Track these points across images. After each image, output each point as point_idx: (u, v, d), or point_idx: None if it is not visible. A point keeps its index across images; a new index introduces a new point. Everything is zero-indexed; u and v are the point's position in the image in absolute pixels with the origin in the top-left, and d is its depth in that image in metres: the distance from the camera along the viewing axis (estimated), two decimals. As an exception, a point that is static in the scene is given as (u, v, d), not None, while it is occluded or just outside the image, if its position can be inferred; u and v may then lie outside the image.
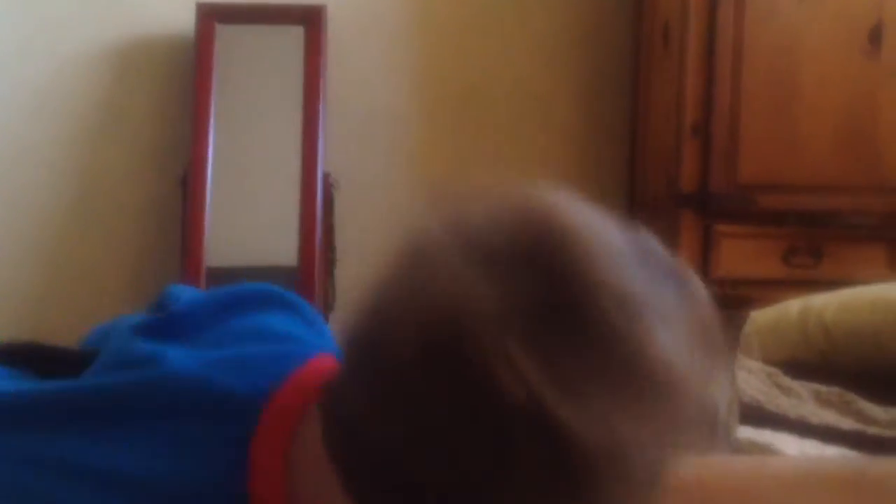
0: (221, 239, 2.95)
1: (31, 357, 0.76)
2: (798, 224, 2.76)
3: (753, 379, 1.16)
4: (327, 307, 3.04)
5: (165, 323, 0.71)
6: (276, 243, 3.02)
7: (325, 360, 0.65)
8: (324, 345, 0.70)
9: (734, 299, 2.72)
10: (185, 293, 0.78)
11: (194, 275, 2.90)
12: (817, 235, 2.75)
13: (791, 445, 0.94)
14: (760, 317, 1.56)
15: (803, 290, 2.73)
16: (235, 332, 0.70)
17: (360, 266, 3.17)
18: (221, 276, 2.93)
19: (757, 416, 1.05)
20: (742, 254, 2.76)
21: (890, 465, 0.66)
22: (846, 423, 1.10)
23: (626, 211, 3.26)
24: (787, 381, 1.24)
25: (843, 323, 1.38)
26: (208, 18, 2.92)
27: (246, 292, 0.77)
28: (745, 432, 0.95)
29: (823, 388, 1.23)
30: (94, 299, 3.04)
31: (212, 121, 2.90)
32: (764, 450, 0.91)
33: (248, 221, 3.00)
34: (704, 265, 2.75)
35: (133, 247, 3.11)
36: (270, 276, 3.02)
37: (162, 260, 3.06)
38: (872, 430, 1.06)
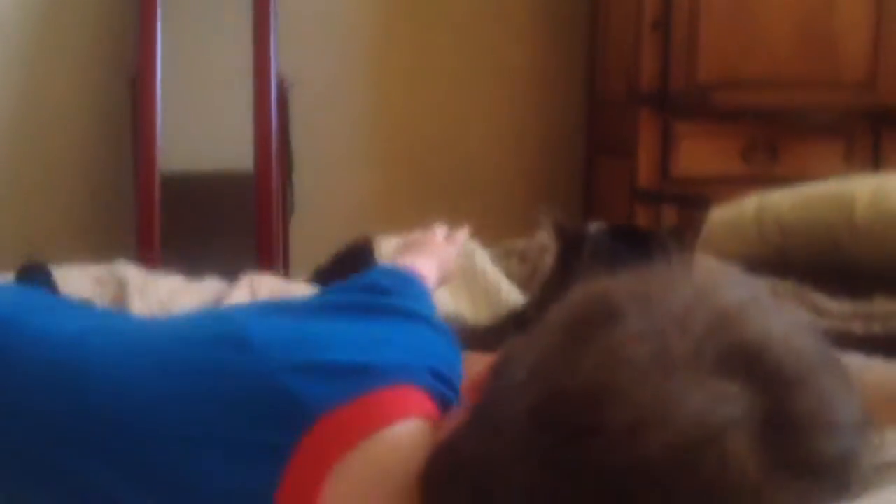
0: (175, 144, 2.88)
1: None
2: (756, 121, 2.77)
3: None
4: (286, 214, 3.02)
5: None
6: (231, 148, 2.96)
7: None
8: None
9: (693, 198, 2.76)
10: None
11: (148, 182, 2.85)
12: (775, 132, 2.77)
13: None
14: (718, 214, 1.57)
15: (761, 187, 2.77)
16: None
17: (318, 171, 3.15)
18: (176, 181, 2.89)
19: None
20: (701, 152, 2.77)
21: None
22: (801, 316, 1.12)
23: (585, 109, 3.25)
24: (741, 276, 1.26)
25: (798, 219, 1.40)
26: (153, -87, 2.80)
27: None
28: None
29: (779, 282, 1.25)
30: (47, 209, 3.00)
31: (159, 21, 2.80)
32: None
33: (202, 125, 2.94)
34: (663, 164, 2.77)
35: (85, 155, 3.04)
36: (226, 182, 3.02)
37: (115, 167, 3.01)
38: (826, 321, 1.09)
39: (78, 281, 1.31)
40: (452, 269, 0.96)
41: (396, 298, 0.75)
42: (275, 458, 0.57)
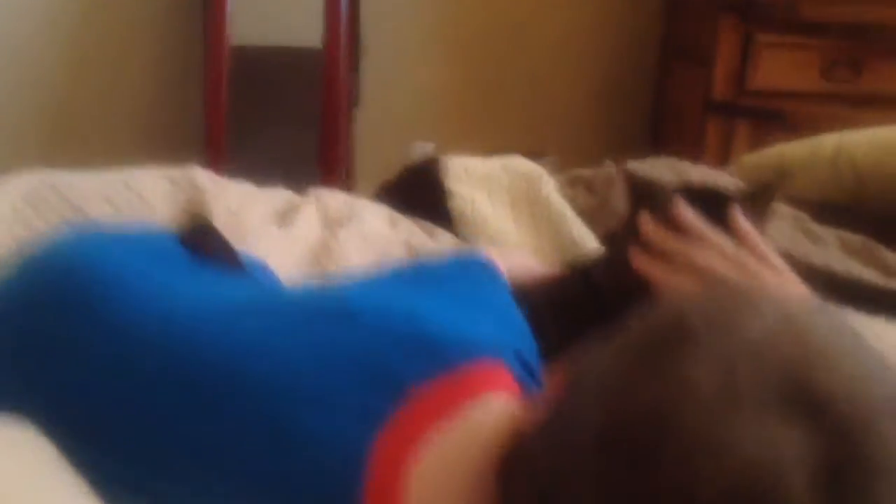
0: (245, 17, 2.91)
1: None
2: (840, 36, 2.67)
3: (784, 224, 1.17)
4: (351, 99, 3.02)
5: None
6: (301, 23, 2.99)
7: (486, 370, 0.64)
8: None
9: (769, 113, 2.69)
10: None
11: (218, 54, 2.88)
12: (859, 48, 2.66)
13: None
14: (793, 150, 1.54)
15: (840, 104, 2.69)
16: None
17: (386, 60, 3.12)
18: (246, 55, 2.92)
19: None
20: (781, 65, 2.68)
21: None
22: (868, 274, 1.11)
23: (662, 12, 3.15)
24: (814, 227, 1.24)
25: (873, 165, 1.37)
26: None
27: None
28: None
29: (850, 236, 1.24)
30: (117, 81, 3.06)
31: None
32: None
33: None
34: (742, 75, 2.69)
35: (156, 27, 3.07)
36: (295, 58, 3.03)
37: (185, 40, 3.03)
38: (893, 283, 1.08)
39: (151, 180, 1.35)
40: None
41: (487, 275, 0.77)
42: (370, 421, 0.59)
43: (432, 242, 1.32)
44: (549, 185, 1.36)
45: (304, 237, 1.29)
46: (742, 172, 1.63)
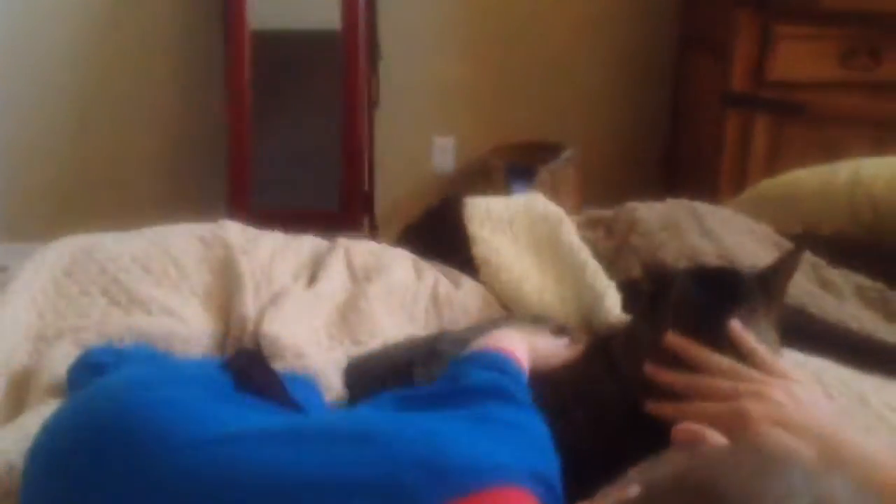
0: (265, 2, 2.95)
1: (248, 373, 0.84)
2: (859, 25, 2.65)
3: (799, 275, 1.19)
4: (371, 71, 3.05)
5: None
6: (320, 6, 3.02)
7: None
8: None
9: (788, 105, 2.68)
10: None
11: (238, 38, 2.93)
12: (877, 37, 2.64)
13: (829, 373, 0.99)
14: (807, 179, 1.55)
15: (859, 93, 2.68)
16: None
17: (402, 58, 3.14)
18: (266, 39, 2.97)
19: (799, 322, 1.08)
20: (799, 55, 2.67)
21: None
22: (884, 329, 1.14)
23: (679, 3, 3.13)
24: (830, 273, 1.26)
25: (891, 199, 1.38)
26: None
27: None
28: (790, 355, 0.99)
29: (867, 283, 1.26)
30: (141, 72, 3.13)
31: None
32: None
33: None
34: (760, 67, 2.68)
35: (177, 12, 3.10)
36: (314, 40, 3.07)
37: (206, 25, 3.07)
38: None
39: (184, 241, 1.39)
40: (545, 362, 1.00)
41: (501, 387, 0.80)
42: None
43: (457, 292, 1.36)
44: (570, 230, 1.38)
45: (332, 294, 1.33)
46: (757, 198, 1.65)
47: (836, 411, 0.86)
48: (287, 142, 3.10)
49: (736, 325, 0.86)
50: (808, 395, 0.81)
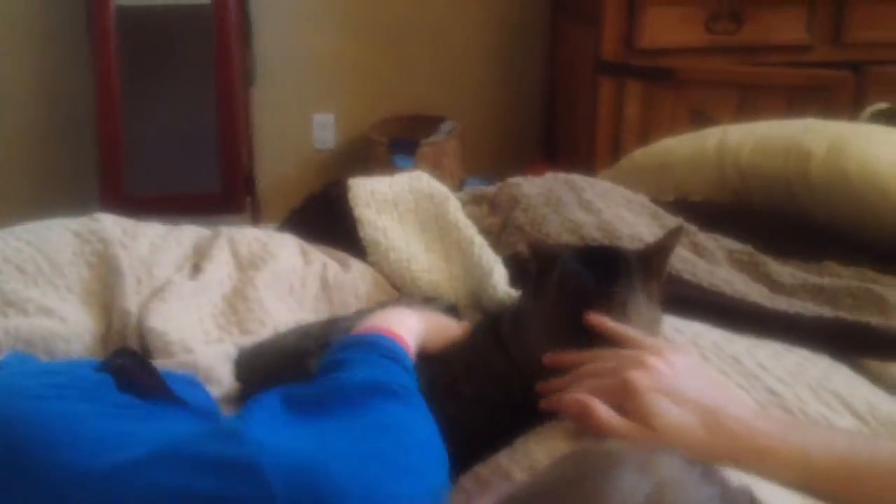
0: None
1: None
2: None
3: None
4: (245, 47, 2.99)
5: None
6: None
7: None
8: None
9: (657, 71, 2.77)
10: None
11: (103, 14, 2.81)
12: (738, 1, 2.76)
13: (704, 336, 1.04)
14: (678, 147, 1.61)
15: (724, 57, 2.79)
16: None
17: (277, 34, 3.08)
18: (132, 16, 2.85)
19: (674, 288, 1.12)
20: (666, 22, 2.76)
21: None
22: (756, 292, 1.20)
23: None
24: (702, 238, 1.32)
25: (757, 168, 1.44)
26: None
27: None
28: (668, 321, 1.03)
29: (737, 246, 1.32)
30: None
31: None
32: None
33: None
34: (629, 36, 2.76)
35: None
36: (183, 15, 2.98)
37: (68, 1, 2.94)
38: (779, 302, 1.16)
39: (57, 238, 1.34)
40: (438, 337, 1.00)
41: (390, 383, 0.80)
42: None
43: (346, 275, 1.36)
44: (456, 208, 1.40)
45: (218, 285, 1.31)
46: (632, 167, 1.71)
47: (713, 375, 0.91)
48: (160, 124, 3.00)
49: (594, 318, 0.89)
50: (684, 362, 0.85)
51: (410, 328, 0.96)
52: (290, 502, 0.65)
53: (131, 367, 0.84)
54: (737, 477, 0.69)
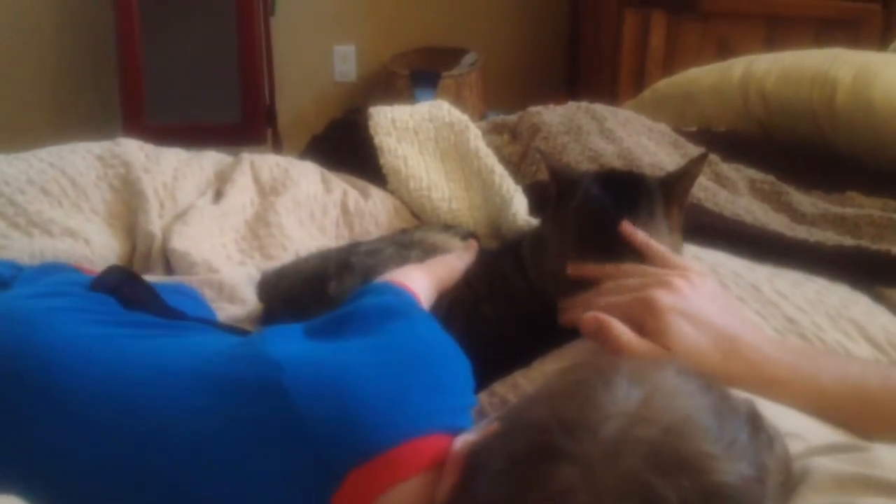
0: None
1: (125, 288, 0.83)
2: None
3: (696, 173, 1.23)
4: (267, 9, 2.97)
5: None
6: None
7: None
8: None
9: (683, 1, 2.72)
10: None
11: None
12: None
13: (724, 265, 1.04)
14: (703, 77, 1.59)
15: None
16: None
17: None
18: None
19: (695, 217, 1.12)
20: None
21: None
22: (777, 221, 1.19)
23: None
24: (724, 168, 1.31)
25: (782, 97, 1.43)
26: None
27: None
28: (689, 249, 1.03)
29: (759, 176, 1.31)
30: None
31: None
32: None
33: None
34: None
35: None
36: None
37: None
38: (800, 231, 1.16)
39: (81, 161, 1.35)
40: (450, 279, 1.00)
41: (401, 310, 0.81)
42: None
43: (366, 203, 1.36)
44: (476, 137, 1.39)
45: (241, 210, 1.32)
46: (656, 98, 1.69)
47: (731, 302, 0.91)
48: (181, 54, 2.99)
49: (626, 226, 0.89)
50: (706, 286, 0.85)
51: (421, 283, 0.95)
52: (314, 417, 0.66)
53: (124, 283, 0.85)
54: (746, 396, 0.70)
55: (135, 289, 0.85)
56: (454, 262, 1.01)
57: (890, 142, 1.30)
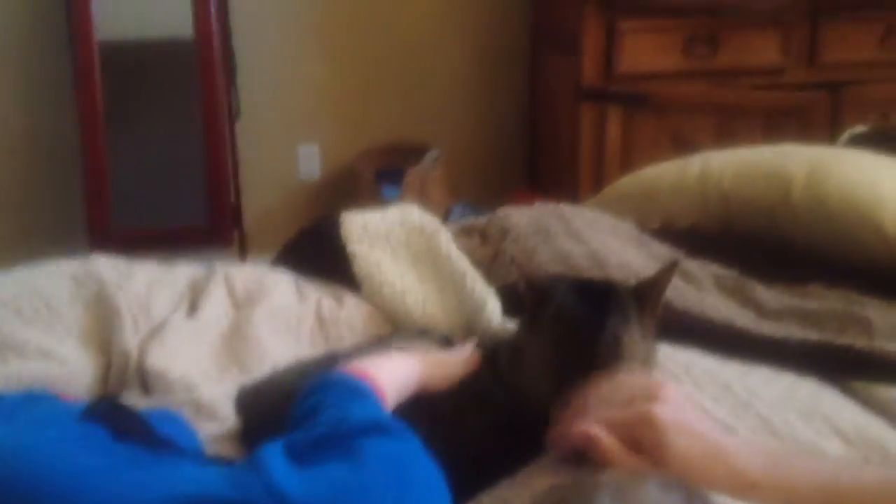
0: (110, 12, 2.86)
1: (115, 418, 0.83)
2: (696, 15, 2.82)
3: (661, 270, 1.26)
4: (230, 80, 3.01)
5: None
6: (170, 14, 2.95)
7: None
8: None
9: (637, 97, 2.82)
10: None
11: (86, 50, 2.83)
12: (714, 25, 2.82)
13: (697, 364, 1.07)
14: (662, 174, 1.64)
15: (701, 81, 2.84)
16: None
17: (261, 69, 3.11)
18: (115, 50, 2.87)
19: (665, 316, 1.15)
20: (644, 48, 2.81)
21: None
22: (744, 318, 1.23)
23: (531, 2, 3.22)
24: (689, 265, 1.35)
25: (739, 194, 1.48)
26: None
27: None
28: (660, 349, 1.06)
29: (723, 272, 1.35)
30: None
31: None
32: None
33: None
34: (608, 62, 2.81)
35: (17, 23, 2.98)
36: (167, 49, 3.00)
37: (50, 37, 2.96)
38: (766, 326, 1.19)
39: (53, 280, 1.35)
40: (441, 376, 1.02)
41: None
42: None
43: (341, 310, 1.38)
44: (447, 241, 1.42)
45: (216, 322, 1.33)
46: (617, 195, 1.74)
47: (702, 409, 0.93)
48: (146, 158, 3.02)
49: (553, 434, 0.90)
50: (682, 397, 0.87)
51: (394, 372, 0.97)
52: None
53: (115, 414, 0.85)
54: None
55: (125, 419, 0.86)
56: (454, 362, 1.02)
57: (845, 235, 1.35)
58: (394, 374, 0.96)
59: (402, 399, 0.97)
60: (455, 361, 1.05)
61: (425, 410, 0.97)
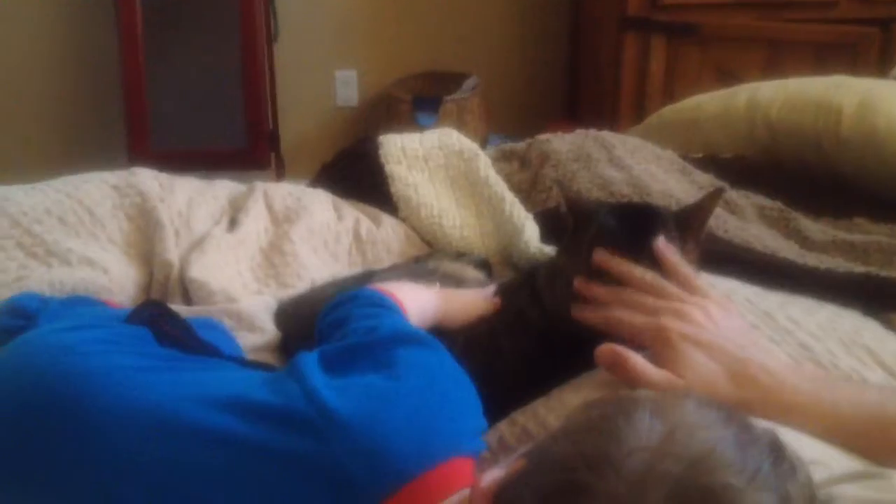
0: None
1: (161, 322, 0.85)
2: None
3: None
4: (268, 3, 3.00)
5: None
6: None
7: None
8: None
9: (683, 26, 2.75)
10: None
11: None
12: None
13: (737, 292, 1.06)
14: (708, 104, 1.61)
15: (750, 12, 2.76)
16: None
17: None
18: None
19: (707, 245, 1.14)
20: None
21: None
22: (787, 249, 1.21)
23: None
24: (733, 195, 1.33)
25: (787, 124, 1.45)
26: None
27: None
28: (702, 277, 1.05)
29: (767, 202, 1.33)
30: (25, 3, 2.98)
31: None
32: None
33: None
34: (654, -8, 2.74)
35: None
36: None
37: None
38: (810, 258, 1.18)
39: (96, 191, 1.36)
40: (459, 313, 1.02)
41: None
42: None
43: (378, 231, 1.38)
44: (486, 165, 1.41)
45: (255, 238, 1.34)
46: (661, 124, 1.71)
47: (748, 329, 0.92)
48: (185, 81, 3.02)
49: (660, 242, 0.91)
50: (724, 315, 0.86)
51: (417, 300, 0.97)
52: (350, 451, 0.69)
53: (160, 317, 0.86)
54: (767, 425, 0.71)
55: (169, 323, 0.87)
56: (474, 305, 1.02)
57: (894, 168, 1.32)
58: (417, 301, 0.97)
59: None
60: (474, 301, 1.04)
61: (461, 331, 0.98)
